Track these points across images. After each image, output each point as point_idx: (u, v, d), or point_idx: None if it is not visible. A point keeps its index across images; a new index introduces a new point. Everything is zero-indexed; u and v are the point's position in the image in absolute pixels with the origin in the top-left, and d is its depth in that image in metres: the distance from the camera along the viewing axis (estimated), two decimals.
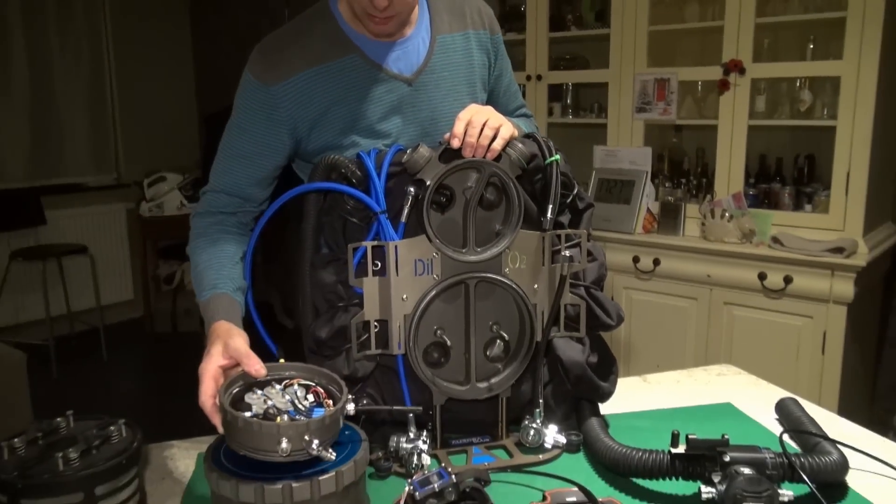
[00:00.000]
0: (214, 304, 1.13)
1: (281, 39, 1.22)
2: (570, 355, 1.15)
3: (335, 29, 1.23)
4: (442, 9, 1.31)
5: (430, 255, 1.08)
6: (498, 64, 1.40)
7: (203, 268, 1.19)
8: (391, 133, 1.25)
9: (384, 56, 1.24)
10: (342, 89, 1.21)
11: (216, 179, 1.26)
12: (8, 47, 4.47)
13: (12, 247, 4.39)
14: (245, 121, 1.22)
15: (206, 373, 1.00)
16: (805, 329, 2.46)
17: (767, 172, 2.83)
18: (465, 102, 1.28)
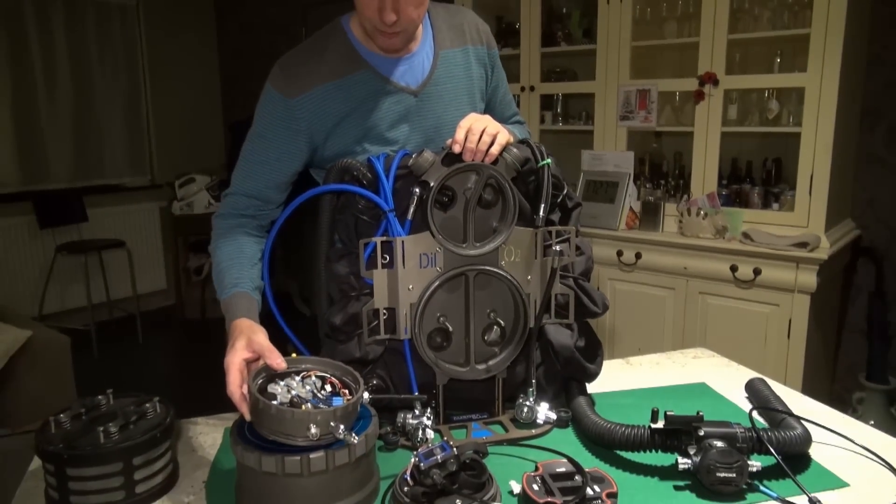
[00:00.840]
0: (236, 302, 1.12)
1: (299, 56, 1.22)
2: (560, 340, 1.15)
3: (348, 46, 1.23)
4: (443, 26, 1.31)
5: (434, 249, 1.08)
6: (494, 76, 1.40)
7: (225, 267, 1.18)
8: (399, 140, 1.25)
9: (392, 70, 1.23)
10: (355, 101, 1.21)
11: (238, 183, 1.25)
12: (53, 59, 4.46)
13: (58, 241, 4.40)
14: (266, 129, 1.21)
15: (233, 365, 0.98)
16: (772, 316, 2.46)
17: (739, 174, 2.82)
18: (466, 112, 1.27)
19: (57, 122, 4.52)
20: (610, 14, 2.83)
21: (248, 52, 5.15)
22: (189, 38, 5.17)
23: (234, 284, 1.15)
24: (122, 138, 4.89)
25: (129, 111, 4.91)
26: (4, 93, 4.27)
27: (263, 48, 5.00)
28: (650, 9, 2.84)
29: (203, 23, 5.28)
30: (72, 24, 4.52)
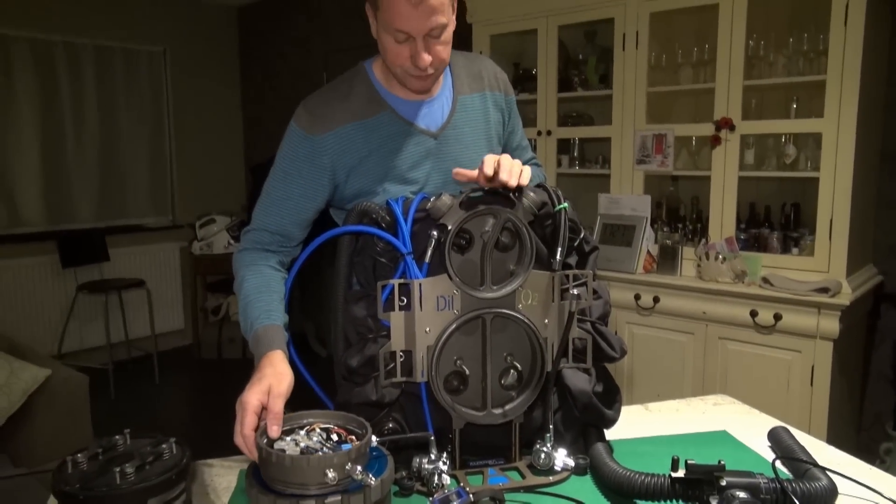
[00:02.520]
0: (272, 333, 1.12)
1: (323, 97, 1.26)
2: (577, 385, 1.14)
3: (370, 89, 1.27)
4: (462, 73, 1.35)
5: (451, 292, 1.09)
6: (511, 121, 1.43)
7: (253, 298, 1.18)
8: (418, 181, 1.28)
9: (413, 114, 1.27)
10: (376, 142, 1.24)
11: (261, 219, 1.27)
12: (81, 103, 4.60)
13: (79, 280, 4.46)
14: (290, 167, 1.24)
15: (250, 406, 0.98)
16: (794, 363, 2.42)
17: (757, 218, 2.81)
18: (483, 154, 1.30)
19: (83, 163, 4.64)
20: (625, 60, 2.87)
21: (271, 97, 5.27)
22: (213, 82, 5.31)
23: (266, 316, 1.15)
24: (146, 179, 4.99)
25: (153, 153, 5.02)
26: (34, 134, 4.39)
27: (285, 93, 5.12)
28: (665, 55, 2.88)
29: (227, 68, 5.42)
30: (101, 70, 4.67)
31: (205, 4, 5.20)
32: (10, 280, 4.29)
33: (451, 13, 1.19)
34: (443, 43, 1.18)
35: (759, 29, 2.63)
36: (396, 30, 1.15)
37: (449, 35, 1.20)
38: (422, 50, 1.15)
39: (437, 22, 1.14)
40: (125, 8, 4.75)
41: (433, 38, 1.17)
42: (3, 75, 4.24)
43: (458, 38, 1.29)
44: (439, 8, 1.14)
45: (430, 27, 1.14)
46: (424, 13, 1.12)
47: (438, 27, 1.15)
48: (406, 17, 1.13)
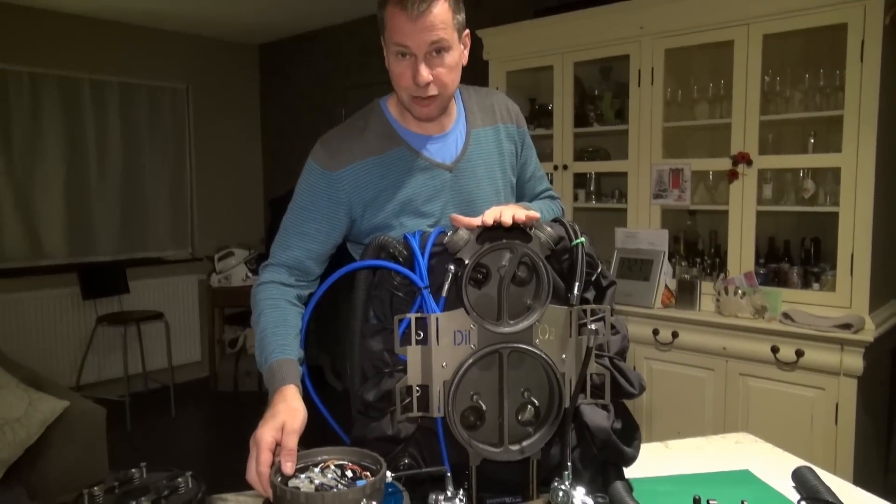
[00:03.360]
0: (286, 368, 1.13)
1: (340, 133, 1.29)
2: (596, 421, 1.12)
3: (385, 125, 1.30)
4: (475, 107, 1.38)
5: (468, 326, 1.08)
6: (524, 152, 1.46)
7: (269, 332, 1.19)
8: (434, 213, 1.30)
9: (427, 148, 1.30)
10: (392, 176, 1.27)
11: (279, 254, 1.29)
12: (105, 138, 4.71)
13: (99, 312, 4.51)
14: (308, 201, 1.27)
15: (264, 443, 0.98)
16: (818, 400, 2.37)
17: (776, 253, 2.79)
18: (498, 186, 1.36)
19: (106, 196, 4.73)
20: (641, 96, 2.89)
21: (291, 132, 5.36)
22: (234, 118, 5.42)
23: (280, 350, 1.16)
24: (167, 213, 5.07)
25: (174, 187, 5.10)
26: (60, 168, 4.49)
27: (305, 127, 5.21)
28: (681, 90, 2.90)
29: (248, 104, 5.53)
30: (125, 106, 4.79)
31: (227, 42, 5.33)
32: (32, 311, 4.35)
33: (457, 37, 1.23)
34: (446, 66, 1.21)
35: (775, 65, 2.65)
36: (397, 44, 1.19)
37: (453, 60, 1.23)
38: (422, 67, 1.19)
39: (437, 36, 1.18)
40: (150, 46, 4.89)
41: (435, 58, 1.20)
42: (32, 112, 4.35)
43: (475, 74, 1.32)
44: (439, 24, 1.17)
45: (430, 42, 1.18)
46: (424, 27, 1.16)
47: (438, 43, 1.18)
48: (406, 31, 1.17)
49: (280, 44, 5.38)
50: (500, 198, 1.39)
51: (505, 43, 3.34)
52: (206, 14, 4.56)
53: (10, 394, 2.52)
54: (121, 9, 4.40)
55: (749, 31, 2.57)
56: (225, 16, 4.61)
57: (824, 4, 2.39)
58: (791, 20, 2.48)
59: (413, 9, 1.16)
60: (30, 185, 4.38)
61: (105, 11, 4.47)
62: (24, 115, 4.32)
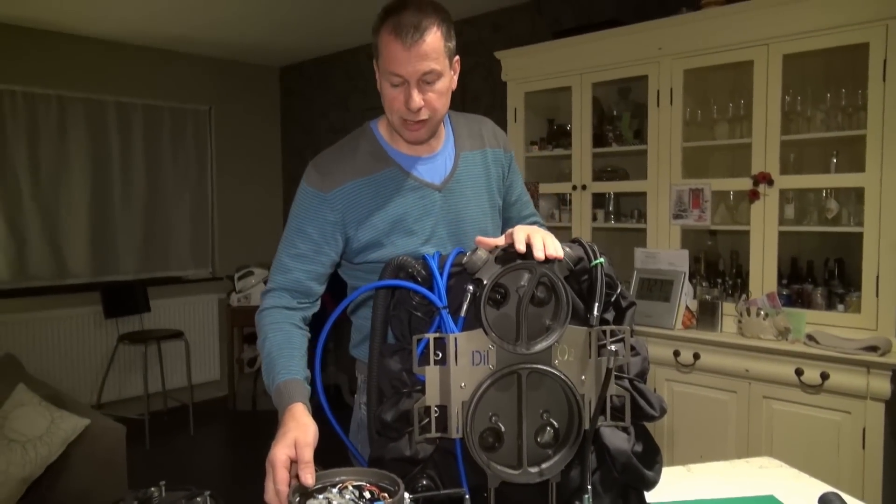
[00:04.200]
0: (293, 387, 1.16)
1: (331, 156, 1.36)
2: (616, 444, 1.11)
3: (376, 146, 1.36)
4: (464, 132, 1.44)
5: (486, 346, 1.08)
6: (510, 176, 1.51)
7: (275, 355, 1.22)
8: (425, 232, 1.34)
9: (417, 168, 1.36)
10: (383, 196, 1.32)
11: (279, 278, 1.33)
12: (130, 159, 4.79)
13: (121, 331, 4.56)
14: (304, 223, 1.32)
15: (279, 462, 0.99)
16: (844, 424, 2.32)
17: (799, 274, 2.75)
18: (485, 207, 1.42)
19: (129, 216, 4.80)
20: (660, 116, 2.89)
21: (310, 153, 5.40)
22: (255, 139, 5.49)
23: (287, 371, 1.19)
24: (188, 232, 5.13)
25: (196, 207, 5.17)
26: (84, 189, 4.57)
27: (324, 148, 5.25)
28: (700, 111, 2.89)
29: (269, 125, 5.61)
30: (149, 128, 4.88)
31: (248, 65, 5.42)
32: (55, 330, 4.41)
33: (448, 65, 1.27)
34: (437, 92, 1.26)
35: (796, 84, 2.63)
36: (391, 73, 1.24)
37: (443, 86, 1.28)
38: (414, 93, 1.23)
39: (429, 67, 1.22)
40: (173, 69, 4.99)
41: (426, 84, 1.25)
42: (59, 133, 4.45)
43: (494, 94, 1.35)
44: (431, 54, 1.22)
45: (423, 71, 1.22)
46: (417, 57, 1.21)
47: (430, 73, 1.23)
48: (400, 60, 1.22)
49: (300, 66, 5.46)
50: (488, 218, 1.45)
51: (523, 64, 3.36)
52: (228, 38, 4.65)
53: (32, 411, 2.55)
54: (145, 33, 4.51)
55: (769, 52, 2.57)
56: (247, 39, 4.69)
57: (845, 24, 2.38)
58: (811, 40, 2.48)
59: (407, 38, 1.20)
60: (55, 205, 4.46)
61: (130, 36, 4.58)
62: (52, 136, 4.42)
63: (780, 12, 2.52)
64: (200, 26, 4.34)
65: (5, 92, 4.22)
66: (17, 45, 4.26)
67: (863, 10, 2.34)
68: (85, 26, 4.33)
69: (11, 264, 4.30)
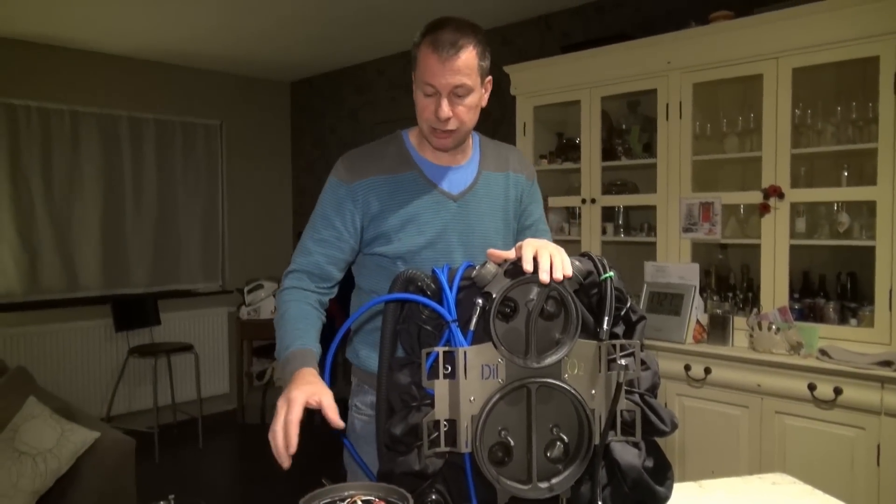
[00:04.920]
0: (307, 355, 1.22)
1: (361, 152, 1.47)
2: (627, 459, 1.10)
3: (402, 150, 1.45)
4: (490, 154, 1.52)
5: (496, 360, 1.08)
6: (527, 200, 1.57)
7: (292, 324, 1.29)
8: (433, 235, 1.41)
9: (438, 176, 1.44)
10: (401, 196, 1.41)
11: (300, 260, 1.43)
12: (141, 173, 4.84)
13: (131, 344, 4.58)
14: (328, 210, 1.43)
15: (297, 401, 1.06)
16: (858, 440, 2.29)
17: (811, 288, 2.73)
18: (499, 226, 1.48)
19: (140, 230, 4.84)
20: (669, 130, 2.89)
21: (320, 167, 5.45)
22: (266, 153, 5.53)
23: (301, 341, 1.25)
24: (198, 246, 5.16)
25: (206, 220, 5.20)
26: (96, 202, 4.62)
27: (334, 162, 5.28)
28: (710, 124, 2.89)
29: (279, 140, 5.65)
30: (161, 142, 4.93)
31: (259, 80, 5.47)
32: (66, 343, 4.43)
33: (479, 83, 1.37)
34: (466, 105, 1.35)
35: (806, 97, 2.63)
36: (425, 83, 1.33)
37: (473, 101, 1.37)
38: (444, 104, 1.32)
39: (461, 81, 1.32)
40: (185, 84, 5.04)
41: (457, 98, 1.34)
42: (72, 147, 4.50)
43: (503, 108, 1.39)
44: (464, 70, 1.32)
45: (454, 85, 1.32)
46: (450, 71, 1.31)
47: (461, 87, 1.32)
48: (434, 72, 1.31)
49: (311, 81, 5.50)
50: (500, 236, 1.50)
51: (532, 78, 3.37)
52: (239, 54, 4.70)
53: (42, 424, 2.56)
54: (158, 49, 4.57)
55: (778, 65, 2.57)
56: (258, 55, 4.74)
57: (855, 37, 2.38)
58: (821, 54, 2.47)
59: (444, 52, 1.30)
60: (68, 218, 4.50)
61: (143, 52, 4.64)
62: (65, 150, 4.47)
63: (789, 26, 2.52)
64: (212, 43, 4.39)
65: (20, 107, 4.28)
66: (33, 62, 4.33)
67: (873, 23, 2.34)
68: (98, 43, 4.39)
69: (24, 277, 4.34)
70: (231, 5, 3.64)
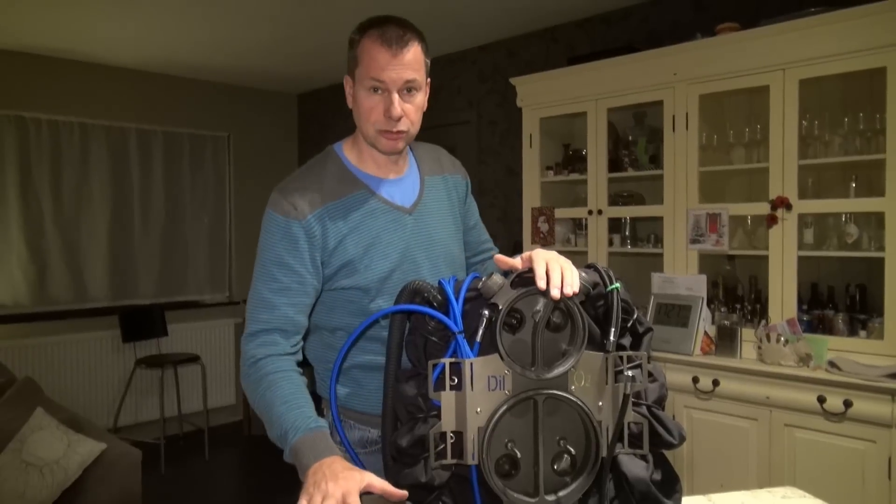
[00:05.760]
0: (327, 441, 1.11)
1: (298, 182, 1.32)
2: (634, 472, 1.10)
3: (342, 169, 1.35)
4: (425, 157, 1.47)
5: (502, 372, 1.08)
6: (468, 201, 1.55)
7: (292, 403, 1.16)
8: (398, 254, 1.33)
9: (387, 191, 1.35)
10: (356, 219, 1.30)
11: (264, 317, 1.25)
12: (150, 185, 4.87)
13: (138, 355, 4.59)
14: (282, 255, 1.26)
15: (353, 492, 0.97)
16: (869, 453, 2.27)
17: (820, 299, 2.72)
18: (451, 230, 1.43)
19: (148, 241, 4.86)
20: (676, 141, 2.89)
21: None
22: (272, 165, 5.55)
23: (316, 420, 1.13)
24: (206, 257, 5.18)
25: (214, 231, 5.23)
26: (105, 214, 4.65)
27: None
28: (716, 136, 2.89)
29: (286, 152, 5.68)
30: (169, 154, 4.96)
31: (266, 92, 5.51)
32: (74, 354, 4.45)
33: (425, 81, 1.31)
34: (415, 105, 1.29)
35: (813, 109, 2.63)
36: (373, 79, 1.25)
37: (421, 101, 1.30)
38: (395, 99, 1.25)
39: (412, 76, 1.26)
40: (193, 97, 5.08)
41: (406, 95, 1.27)
42: (81, 160, 4.54)
43: (510, 120, 1.36)
44: (414, 64, 1.26)
45: (406, 79, 1.25)
46: (401, 64, 1.24)
47: (412, 82, 1.26)
48: (383, 66, 1.23)
49: (318, 93, 5.54)
50: (455, 241, 1.46)
51: (538, 90, 3.38)
52: (247, 66, 4.73)
53: (50, 435, 2.57)
54: (166, 62, 4.61)
55: (785, 77, 2.57)
56: (265, 67, 4.78)
57: (861, 49, 2.38)
58: (827, 65, 2.47)
59: (393, 45, 1.23)
60: (76, 230, 4.53)
61: (151, 64, 4.68)
62: (74, 162, 4.51)
63: (796, 38, 2.53)
64: (220, 55, 4.43)
65: (31, 120, 4.33)
66: (43, 75, 4.38)
67: (879, 34, 2.34)
68: (108, 56, 4.43)
69: (33, 288, 4.37)
70: (238, 19, 3.67)
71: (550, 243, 3.37)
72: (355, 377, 1.34)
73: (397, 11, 1.42)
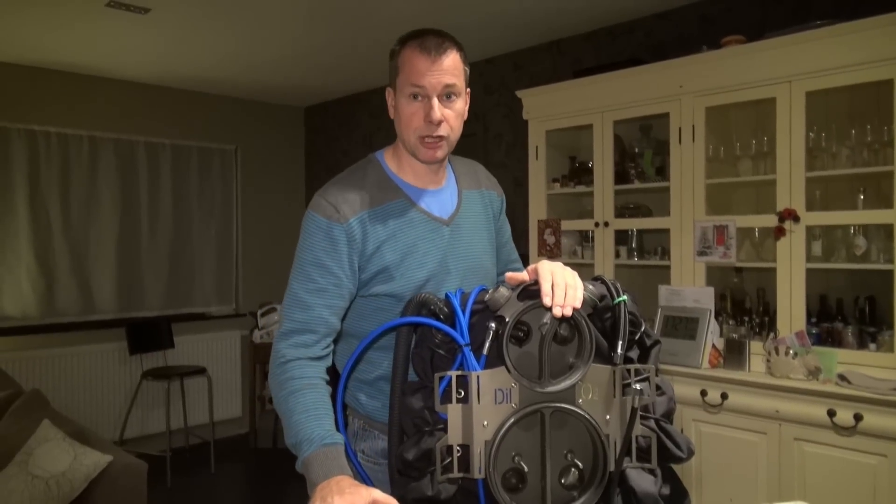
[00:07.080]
0: (339, 458, 1.10)
1: (339, 186, 1.33)
2: (643, 486, 1.09)
3: (383, 177, 1.36)
4: (462, 171, 1.48)
5: (509, 385, 1.08)
6: (500, 219, 1.55)
7: (313, 413, 1.15)
8: (434, 265, 1.33)
9: (426, 201, 1.36)
10: (393, 227, 1.31)
11: (299, 316, 1.25)
12: (157, 198, 4.89)
13: (145, 367, 4.60)
14: (321, 256, 1.27)
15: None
16: (880, 468, 2.24)
17: (829, 312, 2.70)
18: (486, 244, 1.44)
19: (155, 253, 4.88)
20: (682, 153, 2.89)
21: None
22: (280, 177, 5.58)
23: (332, 436, 1.12)
24: (212, 269, 5.19)
25: (221, 244, 5.24)
26: (112, 227, 4.67)
27: None
28: (723, 148, 2.89)
29: (293, 164, 5.70)
30: (177, 167, 4.99)
31: (274, 105, 5.55)
32: (81, 366, 4.46)
33: (464, 89, 1.32)
34: (455, 111, 1.30)
35: (819, 121, 2.62)
36: (413, 85, 1.27)
37: (460, 107, 1.32)
38: (435, 104, 1.26)
39: (451, 80, 1.27)
40: (201, 110, 5.12)
41: (447, 100, 1.28)
42: (90, 172, 4.57)
43: (515, 132, 1.36)
44: (453, 70, 1.28)
45: (445, 84, 1.26)
46: (440, 70, 1.26)
47: (452, 87, 1.28)
48: (422, 71, 1.25)
49: (325, 106, 5.57)
50: (489, 255, 1.46)
51: (544, 103, 3.39)
52: (254, 80, 4.77)
53: (56, 447, 2.57)
54: (174, 76, 4.65)
55: (791, 89, 2.57)
56: (273, 81, 4.81)
57: (867, 61, 2.38)
58: (834, 77, 2.47)
59: (432, 52, 1.26)
60: (84, 242, 4.55)
61: (160, 78, 4.72)
62: (83, 175, 4.54)
63: (802, 50, 2.53)
64: (228, 69, 4.47)
65: (40, 133, 4.36)
66: (53, 88, 4.42)
67: (885, 47, 2.34)
68: (117, 70, 4.47)
69: (40, 300, 4.38)
70: (247, 33, 3.70)
71: (557, 255, 3.36)
72: (382, 388, 1.33)
73: (404, 26, 1.43)
